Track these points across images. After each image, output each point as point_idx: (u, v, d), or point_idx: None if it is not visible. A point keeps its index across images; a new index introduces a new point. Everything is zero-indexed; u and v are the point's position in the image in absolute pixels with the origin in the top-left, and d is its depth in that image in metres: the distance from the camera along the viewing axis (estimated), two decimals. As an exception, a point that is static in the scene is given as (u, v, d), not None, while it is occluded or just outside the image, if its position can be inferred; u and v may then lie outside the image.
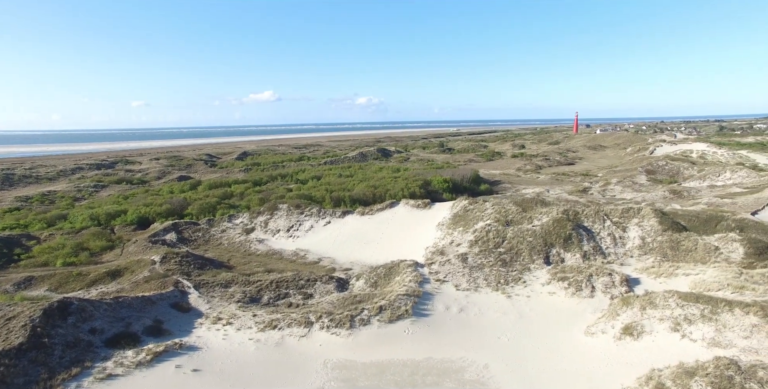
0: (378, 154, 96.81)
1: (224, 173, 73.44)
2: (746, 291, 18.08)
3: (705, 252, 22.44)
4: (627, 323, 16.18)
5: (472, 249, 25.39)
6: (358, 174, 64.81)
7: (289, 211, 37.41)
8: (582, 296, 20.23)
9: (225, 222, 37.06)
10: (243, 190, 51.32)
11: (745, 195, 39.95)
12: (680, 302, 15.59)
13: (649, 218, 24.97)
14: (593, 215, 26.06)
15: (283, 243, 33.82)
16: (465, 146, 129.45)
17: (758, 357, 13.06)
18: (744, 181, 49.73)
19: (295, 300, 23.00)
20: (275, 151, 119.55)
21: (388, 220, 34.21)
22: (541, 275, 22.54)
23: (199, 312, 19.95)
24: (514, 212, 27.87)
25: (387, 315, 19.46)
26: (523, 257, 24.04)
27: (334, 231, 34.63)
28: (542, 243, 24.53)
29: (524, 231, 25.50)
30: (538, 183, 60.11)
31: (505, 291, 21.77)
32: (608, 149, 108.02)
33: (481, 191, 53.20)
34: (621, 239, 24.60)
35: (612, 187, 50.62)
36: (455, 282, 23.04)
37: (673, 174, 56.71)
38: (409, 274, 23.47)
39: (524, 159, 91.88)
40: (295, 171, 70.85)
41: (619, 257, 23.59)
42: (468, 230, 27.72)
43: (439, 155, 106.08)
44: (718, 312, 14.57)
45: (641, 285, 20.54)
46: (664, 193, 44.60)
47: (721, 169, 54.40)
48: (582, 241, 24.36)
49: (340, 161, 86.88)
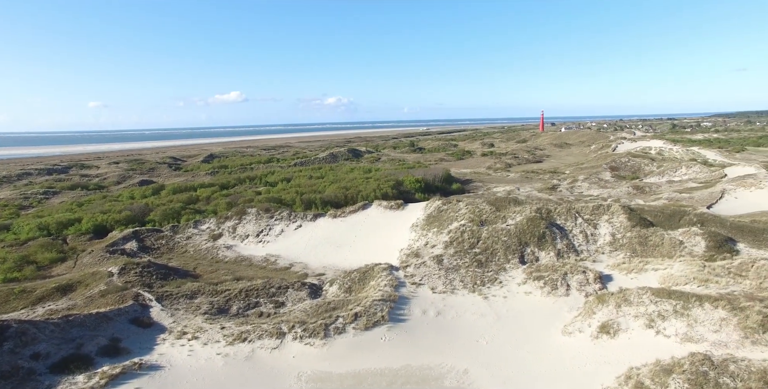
0: (349, 155, 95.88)
1: (189, 177, 70.57)
2: (711, 284, 18.59)
3: (671, 246, 23.03)
4: (603, 321, 16.23)
5: (447, 251, 25.11)
6: (329, 175, 63.77)
7: (258, 215, 36.08)
8: (558, 295, 20.27)
9: (190, 228, 35.32)
10: (209, 194, 49.33)
11: (700, 190, 41.77)
12: (654, 298, 15.75)
13: (619, 215, 25.46)
14: (565, 213, 26.34)
15: (253, 249, 32.52)
16: (435, 145, 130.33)
17: (728, 350, 13.27)
18: (698, 176, 52.16)
19: (266, 310, 21.97)
20: (243, 153, 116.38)
21: (360, 222, 33.54)
22: (516, 275, 22.49)
23: (162, 326, 18.64)
24: (488, 212, 27.82)
25: (363, 322, 18.82)
26: (499, 257, 23.96)
27: (305, 235, 33.63)
28: (517, 242, 24.54)
29: (499, 230, 25.45)
30: (509, 181, 60.97)
31: (481, 293, 21.56)
32: (573, 147, 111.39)
33: (453, 190, 53.38)
34: (592, 236, 24.95)
35: (579, 183, 51.90)
36: (431, 284, 22.66)
37: (635, 170, 58.82)
38: (384, 278, 22.91)
39: (494, 157, 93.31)
40: (264, 173, 68.96)
41: (591, 254, 23.89)
42: (442, 231, 27.44)
43: (410, 155, 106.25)
44: (689, 307, 14.78)
45: (614, 281, 20.80)
46: (628, 189, 46.09)
47: (678, 165, 56.89)
48: (555, 239, 24.54)
49: (311, 162, 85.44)
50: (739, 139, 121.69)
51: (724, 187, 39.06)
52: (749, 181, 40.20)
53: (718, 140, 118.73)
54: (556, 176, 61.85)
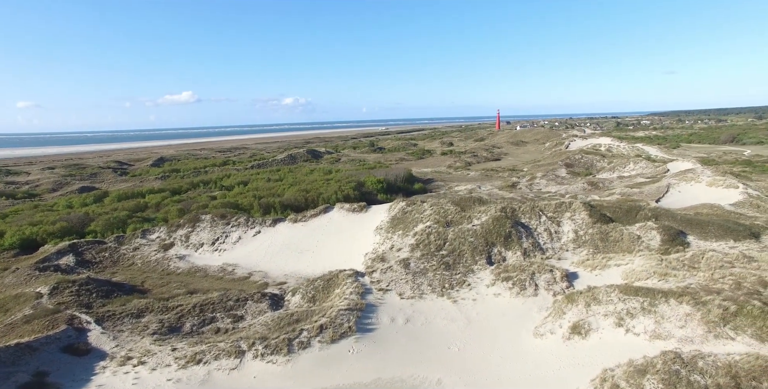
0: (308, 156, 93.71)
1: (137, 182, 65.98)
2: (670, 278, 19.03)
3: (630, 241, 23.59)
4: (574, 321, 16.09)
5: (413, 254, 24.45)
6: (288, 177, 61.74)
7: (213, 222, 33.92)
8: (526, 295, 20.11)
9: (138, 238, 32.60)
10: (160, 200, 46.11)
11: (648, 185, 43.85)
12: (622, 296, 15.79)
13: (580, 211, 25.86)
14: (529, 211, 26.45)
15: (208, 259, 30.45)
16: (395, 145, 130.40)
17: (694, 346, 13.40)
18: (645, 172, 54.95)
19: (223, 325, 20.35)
20: (197, 156, 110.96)
21: (322, 227, 32.27)
22: (485, 276, 22.18)
23: (102, 352, 16.64)
24: (453, 212, 27.46)
25: (329, 334, 17.73)
26: (466, 258, 23.59)
27: (264, 241, 31.94)
28: (483, 242, 24.29)
29: (465, 231, 25.11)
30: (469, 179, 61.59)
31: (450, 296, 21.04)
32: (529, 144, 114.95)
33: (415, 190, 53.13)
34: (556, 233, 25.16)
35: (538, 181, 53.17)
36: (399, 290, 21.90)
37: (588, 166, 61.19)
38: (349, 285, 21.89)
39: (453, 156, 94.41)
40: (219, 176, 65.74)
41: (556, 252, 24.05)
42: (408, 233, 26.78)
43: (370, 155, 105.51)
44: (656, 304, 14.88)
45: (579, 279, 20.93)
46: (584, 185, 47.66)
47: (626, 161, 59.76)
48: (521, 238, 24.52)
49: (268, 164, 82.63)
50: (674, 136, 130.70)
51: (669, 182, 41.15)
52: (690, 176, 42.63)
53: (657, 137, 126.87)
54: (515, 174, 63.21)
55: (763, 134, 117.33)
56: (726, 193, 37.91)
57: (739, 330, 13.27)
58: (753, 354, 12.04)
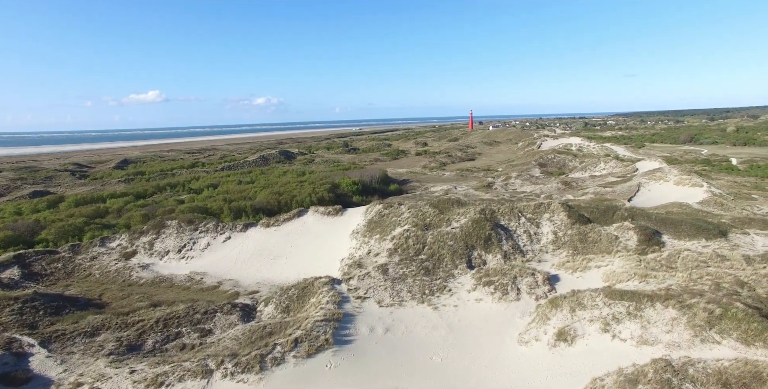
0: (281, 157, 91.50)
1: (98, 186, 62.28)
2: (650, 279, 18.95)
3: (608, 242, 23.54)
4: (559, 328, 15.61)
5: (392, 259, 23.60)
6: (260, 179, 59.82)
7: (180, 228, 32.03)
8: (509, 300, 19.59)
9: (96, 246, 30.36)
10: (122, 205, 43.48)
11: (620, 184, 44.70)
12: (607, 300, 15.43)
13: (559, 212, 25.69)
14: (509, 213, 26.08)
15: (174, 267, 28.63)
16: (369, 145, 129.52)
17: (682, 351, 13.11)
18: (615, 171, 56.22)
19: (189, 341, 18.89)
20: (164, 158, 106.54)
21: (296, 231, 30.98)
22: (465, 281, 21.57)
23: (47, 379, 14.94)
24: (431, 215, 26.78)
25: (304, 348, 16.60)
26: (446, 263, 22.92)
27: (235, 247, 30.37)
28: (463, 246, 23.70)
29: (444, 234, 24.46)
30: (445, 180, 61.41)
31: (431, 303, 20.30)
32: (502, 144, 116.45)
33: (391, 191, 52.41)
34: (536, 235, 24.87)
35: (513, 180, 53.44)
36: (377, 297, 20.99)
37: (560, 166, 62.13)
38: (325, 294, 20.81)
39: (428, 156, 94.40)
40: (187, 179, 63.03)
41: (536, 254, 23.73)
42: (385, 237, 25.91)
43: (344, 155, 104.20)
44: (642, 308, 14.57)
45: (561, 281, 20.61)
46: (558, 185, 48.16)
47: (597, 161, 61.03)
48: (501, 241, 24.07)
49: (240, 166, 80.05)
50: (638, 136, 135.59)
51: (639, 181, 42.02)
52: (658, 175, 43.70)
53: (623, 137, 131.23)
54: (490, 174, 63.49)
55: (717, 135, 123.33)
56: (692, 191, 39.00)
57: (725, 334, 13.07)
58: (741, 359, 11.79)
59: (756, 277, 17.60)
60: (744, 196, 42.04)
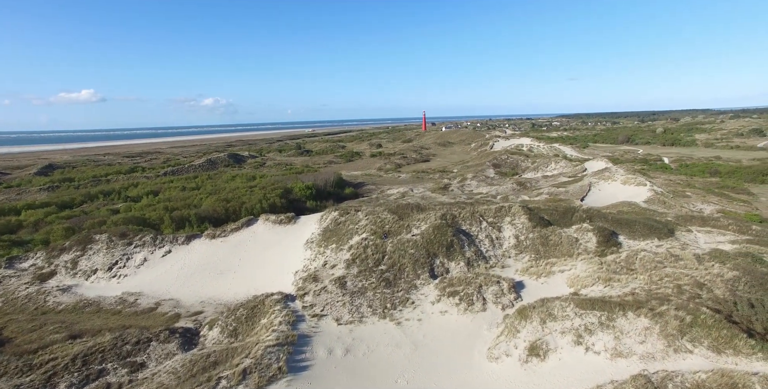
0: (230, 161, 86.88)
1: (13, 195, 55.44)
2: (614, 283, 18.72)
3: (569, 244, 23.33)
4: (531, 341, 14.75)
5: (350, 271, 21.99)
6: (207, 185, 55.88)
7: (111, 242, 28.53)
8: (475, 311, 18.62)
9: (2, 268, 26.26)
10: (41, 217, 38.50)
11: (572, 184, 45.83)
12: (578, 310, 14.78)
13: (520, 215, 25.25)
14: (470, 217, 25.29)
15: (103, 288, 25.30)
16: (323, 147, 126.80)
17: (657, 363, 12.62)
18: (565, 171, 57.95)
19: (116, 379, 16.23)
20: (98, 162, 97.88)
21: (245, 242, 28.54)
22: (429, 291, 20.40)
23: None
24: (390, 221, 25.45)
25: (254, 380, 14.64)
26: (408, 273, 21.65)
27: (176, 262, 27.45)
28: (425, 254, 22.55)
29: (405, 242, 23.20)
30: (401, 182, 60.59)
31: (393, 318, 18.93)
32: (456, 145, 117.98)
33: (346, 195, 50.72)
34: (498, 240, 24.23)
35: (468, 182, 53.47)
36: (336, 314, 19.31)
37: (513, 166, 63.26)
38: (278, 314, 18.85)
39: (383, 158, 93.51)
40: (124, 186, 57.68)
41: (499, 259, 23.05)
42: (342, 247, 24.25)
43: (297, 158, 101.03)
44: (614, 317, 14.01)
45: (526, 288, 19.97)
46: (513, 186, 48.65)
47: (548, 161, 62.74)
48: (464, 247, 23.17)
49: (185, 170, 74.87)
50: (582, 136, 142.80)
51: (590, 181, 43.21)
52: (606, 175, 45.25)
53: (568, 137, 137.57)
54: (446, 175, 63.43)
55: (649, 135, 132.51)
56: (637, 190, 40.58)
57: (696, 342, 12.71)
58: (718, 371, 11.37)
59: (710, 277, 17.76)
60: (680, 194, 44.46)
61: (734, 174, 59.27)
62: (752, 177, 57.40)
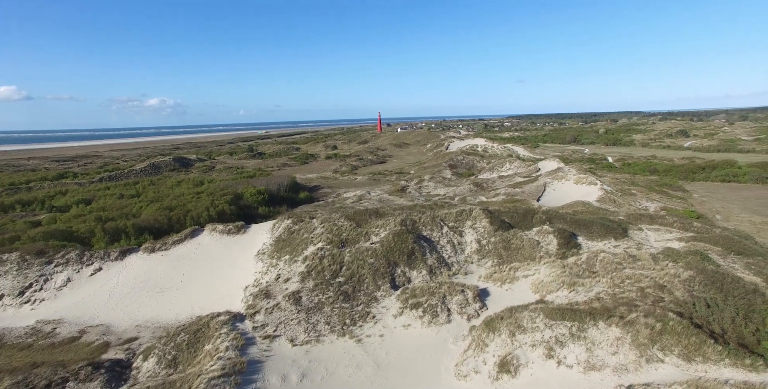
0: (175, 164, 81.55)
1: None
2: (578, 288, 18.39)
3: (530, 247, 22.99)
4: (500, 356, 13.88)
5: (305, 284, 20.31)
6: (149, 191, 51.57)
7: (24, 262, 24.95)
8: (439, 323, 17.60)
9: None
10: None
11: (527, 184, 46.49)
12: (548, 321, 14.09)
13: (481, 219, 24.66)
14: (430, 222, 24.36)
15: (12, 317, 21.89)
16: (276, 150, 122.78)
17: (630, 375, 12.13)
18: (520, 171, 59.04)
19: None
20: (20, 167, 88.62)
21: (190, 255, 26.00)
22: (390, 304, 19.16)
23: None
24: (348, 229, 23.99)
25: (195, 422, 12.72)
26: (368, 284, 20.30)
27: (108, 281, 24.45)
28: (385, 263, 21.30)
29: (363, 251, 21.83)
30: (358, 184, 59.20)
31: (353, 335, 17.52)
32: (411, 146, 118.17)
33: (301, 200, 48.58)
34: (460, 245, 23.47)
35: (426, 183, 53.01)
36: (290, 334, 17.61)
37: (469, 167, 63.72)
38: (225, 337, 16.87)
39: (339, 160, 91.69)
40: (49, 194, 51.94)
41: (461, 265, 22.26)
42: (297, 258, 22.49)
43: (249, 161, 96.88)
44: (585, 328, 13.43)
45: (491, 296, 19.25)
46: (470, 187, 48.67)
47: (503, 161, 63.74)
48: (425, 254, 22.17)
49: (124, 176, 69.15)
50: (532, 137, 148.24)
51: (545, 181, 43.97)
52: (560, 175, 46.31)
53: (519, 137, 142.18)
54: (403, 177, 62.76)
55: (593, 136, 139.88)
56: (589, 189, 41.72)
57: (667, 351, 12.34)
58: (692, 382, 10.96)
59: (669, 278, 17.84)
60: (627, 192, 46.37)
61: (670, 172, 63.13)
62: (684, 175, 61.42)
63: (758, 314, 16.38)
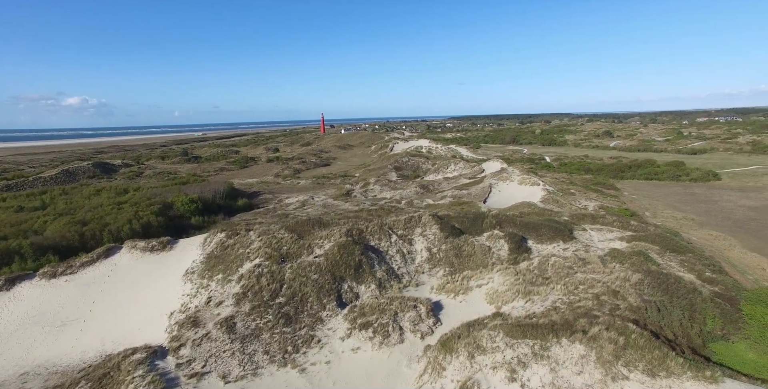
0: (96, 171, 73.47)
1: None
2: (534, 297, 17.75)
3: (482, 254, 22.23)
4: (460, 381, 12.60)
5: (240, 308, 17.91)
6: (59, 203, 45.34)
7: None
8: (391, 344, 16.08)
9: None
10: None
11: (473, 186, 46.60)
12: (509, 340, 13.04)
13: (431, 226, 23.54)
14: (378, 231, 22.83)
15: None
16: (214, 153, 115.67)
17: (596, 393, 11.31)
18: (465, 172, 59.50)
19: None
20: None
21: (103, 279, 22.41)
22: (337, 325, 17.34)
23: None
24: (289, 242, 21.79)
25: None
26: (312, 304, 18.31)
27: (-6, 315, 20.29)
28: (330, 278, 19.42)
29: (306, 266, 19.79)
30: (301, 189, 56.57)
31: (296, 364, 15.49)
32: (356, 148, 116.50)
33: (239, 207, 45.15)
34: (410, 254, 22.16)
35: (372, 186, 51.61)
36: (223, 369, 15.22)
37: (415, 169, 63.27)
38: (139, 383, 14.14)
39: (281, 163, 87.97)
40: (-72, 208, 43.99)
41: (412, 276, 20.94)
42: (231, 277, 19.95)
43: (183, 165, 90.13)
44: (548, 346, 12.51)
45: (445, 309, 18.08)
46: (416, 189, 47.94)
47: (448, 163, 64.00)
48: (374, 267, 20.57)
49: (28, 185, 60.84)
50: (474, 137, 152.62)
51: (490, 182, 44.23)
52: (504, 176, 46.92)
53: (462, 138, 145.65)
54: (348, 180, 60.93)
55: (531, 136, 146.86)
56: (533, 190, 42.51)
57: (632, 366, 11.70)
58: (662, 401, 10.29)
59: (620, 283, 17.72)
60: (567, 192, 48.03)
61: (602, 171, 66.90)
62: (614, 173, 65.37)
63: (699, 313, 16.62)
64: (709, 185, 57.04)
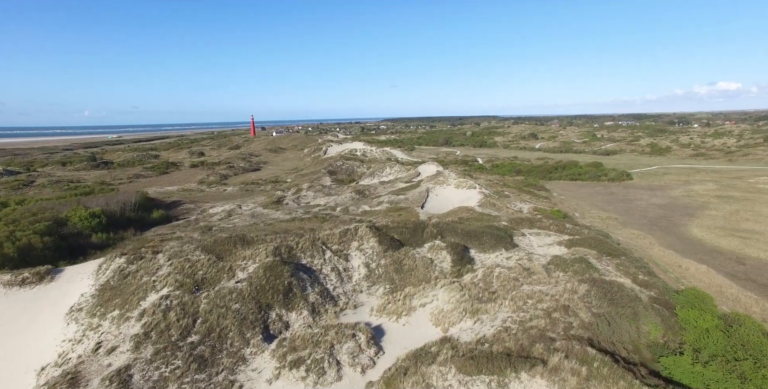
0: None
1: None
2: (482, 316, 16.44)
3: (424, 267, 20.73)
4: (409, 435, 10.69)
5: (140, 354, 14.54)
6: None
7: None
8: (328, 383, 13.79)
9: None
10: None
11: (410, 190, 45.54)
12: (462, 378, 11.39)
13: (368, 238, 21.57)
14: (311, 247, 20.37)
15: None
16: (129, 157, 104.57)
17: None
18: (401, 176, 58.54)
19: None
20: None
21: (-47, 324, 17.49)
22: (263, 364, 14.67)
23: None
24: (205, 264, 18.57)
25: None
26: (232, 340, 15.43)
27: None
28: (255, 307, 16.64)
29: (226, 294, 16.82)
30: (227, 197, 52.01)
31: (211, 423, 12.65)
32: (288, 151, 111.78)
33: (154, 220, 39.88)
34: (346, 271, 19.98)
35: (305, 193, 48.63)
36: (111, 441, 11.93)
37: (350, 172, 61.21)
38: None
39: (206, 168, 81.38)
40: None
41: (350, 297, 18.78)
42: (130, 314, 16.37)
43: (90, 172, 79.96)
44: (506, 382, 11.05)
45: (387, 335, 16.15)
46: (352, 194, 45.86)
47: (383, 166, 62.72)
48: (306, 289, 18.10)
49: None
50: (408, 139, 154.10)
51: (427, 186, 43.42)
52: (441, 179, 46.44)
53: (396, 140, 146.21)
54: (279, 186, 57.23)
55: (462, 138, 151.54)
56: (469, 193, 42.33)
57: (595, 397, 10.58)
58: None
59: (568, 296, 17.02)
60: (502, 194, 48.75)
61: (531, 172, 69.67)
62: (543, 174, 68.39)
63: (643, 322, 16.39)
64: (624, 184, 61.51)
